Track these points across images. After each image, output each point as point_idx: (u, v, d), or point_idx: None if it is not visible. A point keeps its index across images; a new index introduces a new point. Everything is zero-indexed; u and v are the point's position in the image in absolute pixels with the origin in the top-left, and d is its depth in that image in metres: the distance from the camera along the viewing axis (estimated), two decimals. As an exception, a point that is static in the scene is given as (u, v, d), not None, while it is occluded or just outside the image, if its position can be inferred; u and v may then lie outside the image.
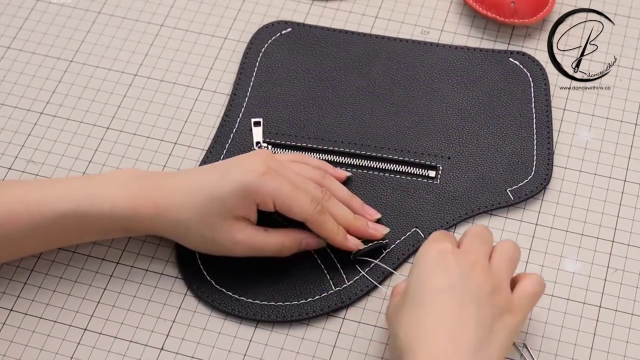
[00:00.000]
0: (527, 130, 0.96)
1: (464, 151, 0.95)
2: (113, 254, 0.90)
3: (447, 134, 0.96)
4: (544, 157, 0.94)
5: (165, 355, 0.85)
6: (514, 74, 1.00)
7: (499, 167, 0.94)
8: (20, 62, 1.03)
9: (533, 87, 0.99)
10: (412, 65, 1.01)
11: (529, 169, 0.94)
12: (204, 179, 0.85)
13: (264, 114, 0.98)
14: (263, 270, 0.88)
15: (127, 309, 0.87)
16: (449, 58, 1.01)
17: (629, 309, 0.87)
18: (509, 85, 0.99)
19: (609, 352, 0.85)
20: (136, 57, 1.04)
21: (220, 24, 1.06)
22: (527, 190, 0.92)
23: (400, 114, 0.98)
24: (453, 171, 0.94)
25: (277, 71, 1.01)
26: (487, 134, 0.96)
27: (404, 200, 0.92)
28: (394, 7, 1.07)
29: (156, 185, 0.86)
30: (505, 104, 0.98)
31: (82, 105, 1.00)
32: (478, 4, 1.04)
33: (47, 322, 0.87)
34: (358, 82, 1.00)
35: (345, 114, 0.98)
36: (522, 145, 0.95)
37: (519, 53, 1.01)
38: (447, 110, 0.97)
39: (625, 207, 0.93)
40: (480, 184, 0.93)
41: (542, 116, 0.97)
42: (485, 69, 1.00)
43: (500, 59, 1.01)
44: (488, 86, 0.99)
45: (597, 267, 0.90)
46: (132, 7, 1.07)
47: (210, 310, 0.87)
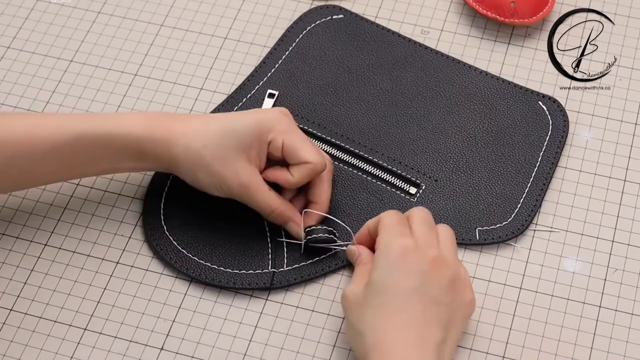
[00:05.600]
0: (524, 177, 0.93)
1: (454, 178, 0.94)
2: (113, 254, 0.90)
3: (445, 156, 0.95)
4: (528, 207, 0.92)
5: (165, 355, 0.85)
6: (537, 117, 0.97)
7: (480, 204, 0.92)
8: (20, 62, 1.04)
9: (550, 135, 0.96)
10: (441, 80, 1.00)
11: (507, 215, 0.91)
12: (222, 115, 0.89)
13: (282, 88, 0.99)
14: (220, 237, 0.90)
15: (127, 309, 0.88)
16: (479, 83, 1.00)
17: (629, 309, 0.87)
18: (528, 127, 0.96)
19: (609, 352, 0.85)
20: (136, 57, 1.04)
21: (220, 24, 1.06)
22: (495, 235, 0.90)
23: (409, 125, 0.97)
24: (434, 194, 0.93)
25: (312, 52, 1.02)
26: (483, 168, 0.94)
27: (377, 207, 0.92)
28: (394, 7, 1.07)
29: (174, 115, 0.89)
30: (516, 144, 0.95)
31: (82, 105, 1.00)
32: (478, 4, 1.04)
33: (47, 322, 0.87)
34: (384, 83, 1.00)
35: (355, 110, 0.98)
36: (513, 189, 0.93)
37: (549, 98, 0.98)
38: (455, 134, 0.96)
39: (625, 207, 0.93)
40: (452, 214, 0.91)
41: (545, 166, 0.94)
42: (510, 105, 0.98)
43: (529, 99, 0.98)
44: (506, 122, 0.97)
45: (597, 267, 0.90)
46: (132, 7, 1.07)
47: (211, 310, 0.87)
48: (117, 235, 0.92)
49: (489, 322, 0.86)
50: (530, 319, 0.87)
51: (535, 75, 1.01)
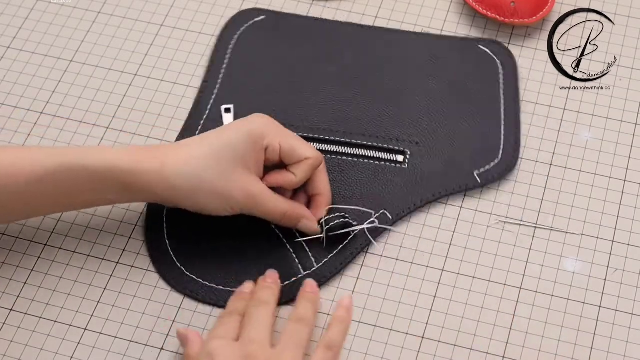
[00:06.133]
0: (495, 115, 0.97)
1: (432, 136, 0.96)
2: (113, 254, 0.90)
3: (416, 120, 0.97)
4: (511, 142, 0.95)
5: (165, 355, 0.85)
6: (483, 61, 1.01)
7: (466, 151, 0.95)
8: (20, 62, 1.04)
9: (502, 73, 1.00)
10: (382, 53, 1.02)
11: (495, 153, 0.95)
12: (209, 134, 0.87)
13: (235, 101, 0.99)
14: (233, 257, 0.89)
15: (127, 309, 0.87)
16: (418, 46, 1.02)
17: (629, 309, 0.87)
18: (478, 72, 1.01)
19: (609, 352, 0.85)
20: (136, 57, 1.04)
21: (220, 24, 1.06)
22: (495, 173, 0.94)
23: (370, 101, 0.99)
24: (421, 156, 0.95)
25: (249, 58, 1.02)
26: (455, 119, 0.97)
27: (372, 183, 0.93)
28: (393, 7, 1.07)
29: (160, 147, 0.86)
30: (474, 90, 0.99)
31: (82, 105, 1.00)
32: (478, 4, 1.04)
33: (47, 322, 0.87)
34: (329, 69, 1.01)
35: (315, 101, 0.99)
36: (490, 129, 0.96)
37: (488, 41, 1.02)
38: (416, 97, 0.99)
39: (625, 207, 0.93)
40: (447, 167, 0.94)
41: (510, 101, 0.98)
42: (455, 57, 1.02)
43: (470, 47, 1.02)
44: (457, 73, 1.01)
45: (597, 267, 0.90)
46: (132, 7, 1.07)
47: (211, 310, 0.87)
48: (117, 235, 0.92)
49: (489, 322, 0.86)
50: (530, 319, 0.87)
51: (535, 75, 1.01)
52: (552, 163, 0.95)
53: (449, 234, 0.91)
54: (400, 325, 0.86)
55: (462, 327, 0.86)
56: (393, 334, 0.86)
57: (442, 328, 0.86)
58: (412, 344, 0.85)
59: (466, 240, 0.91)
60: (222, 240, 0.90)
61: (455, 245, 0.91)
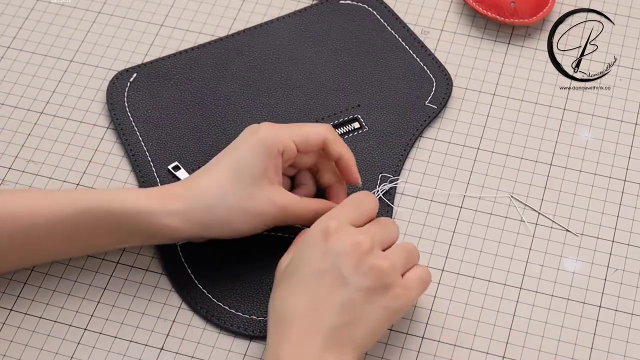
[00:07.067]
0: (402, 50, 1.02)
1: (367, 93, 0.99)
2: (113, 254, 0.90)
3: (342, 87, 0.99)
4: (432, 64, 1.01)
5: (165, 355, 0.85)
6: (354, 11, 1.05)
7: (404, 91, 0.99)
8: (20, 62, 1.04)
9: (377, 14, 1.04)
10: (264, 48, 1.02)
11: (428, 80, 0.99)
12: (218, 159, 0.86)
13: (174, 157, 0.95)
14: (258, 285, 0.88)
15: (127, 309, 0.88)
16: (290, 25, 1.04)
17: (629, 309, 0.87)
18: (357, 22, 1.04)
19: (609, 352, 0.85)
20: (136, 57, 1.04)
21: (220, 24, 1.06)
22: (440, 97, 0.98)
23: (290, 93, 0.99)
24: (370, 113, 0.98)
25: (154, 114, 0.98)
26: (373, 70, 1.00)
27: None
28: (393, 7, 1.07)
29: (172, 186, 0.85)
30: (368, 39, 1.03)
31: (82, 105, 1.00)
32: (478, 4, 1.04)
33: (47, 322, 0.87)
34: (230, 87, 0.99)
35: (242, 120, 0.97)
36: (407, 63, 1.01)
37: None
38: (325, 69, 1.01)
39: (625, 207, 0.93)
40: (398, 111, 0.98)
41: (404, 32, 1.03)
42: (329, 19, 1.04)
43: (334, 6, 1.05)
44: (342, 32, 1.03)
45: (597, 267, 0.90)
46: (132, 7, 1.07)
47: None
48: (117, 235, 0.92)
49: (489, 322, 0.86)
50: (530, 319, 0.87)
51: (535, 75, 1.01)
52: (552, 163, 0.95)
53: (449, 234, 0.91)
54: (401, 325, 0.86)
55: (462, 327, 0.86)
56: (393, 334, 0.86)
57: (442, 328, 0.86)
58: (412, 344, 0.85)
59: (466, 240, 0.91)
60: (244, 268, 0.89)
61: (455, 245, 0.91)
